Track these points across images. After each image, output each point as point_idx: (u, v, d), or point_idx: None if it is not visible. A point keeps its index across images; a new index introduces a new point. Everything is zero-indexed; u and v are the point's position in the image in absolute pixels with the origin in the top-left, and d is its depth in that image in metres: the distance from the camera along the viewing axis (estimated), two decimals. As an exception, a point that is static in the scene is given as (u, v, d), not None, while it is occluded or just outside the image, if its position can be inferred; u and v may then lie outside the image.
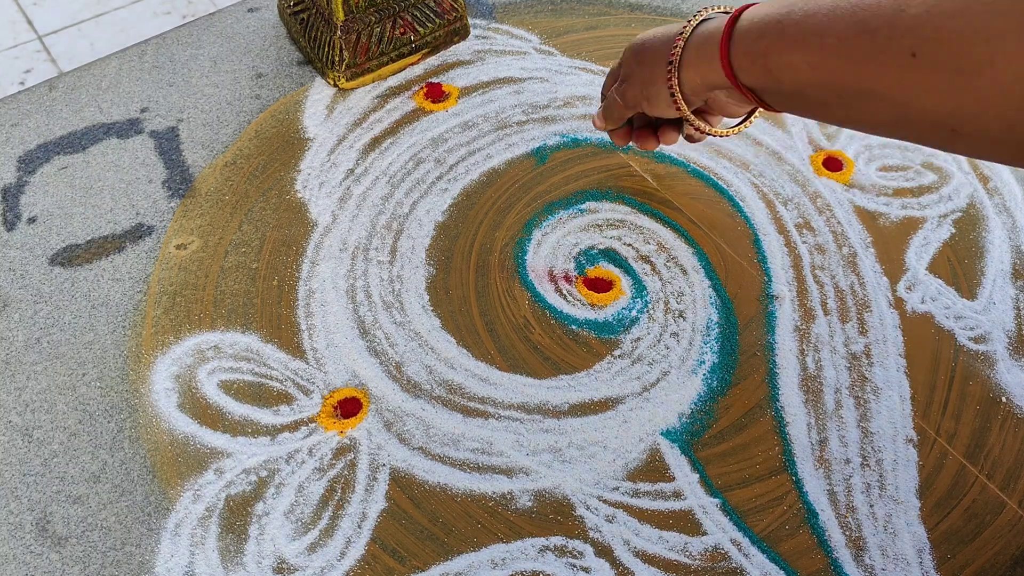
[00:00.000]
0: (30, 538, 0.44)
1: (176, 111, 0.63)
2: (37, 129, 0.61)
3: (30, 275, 0.54)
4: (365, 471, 0.46)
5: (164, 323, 0.52)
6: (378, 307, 0.53)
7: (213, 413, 0.48)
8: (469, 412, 0.48)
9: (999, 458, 0.47)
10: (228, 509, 0.45)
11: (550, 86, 0.66)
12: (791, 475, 0.47)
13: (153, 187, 0.59)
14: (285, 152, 0.61)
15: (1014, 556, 0.44)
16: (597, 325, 0.52)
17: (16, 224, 0.56)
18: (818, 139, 0.63)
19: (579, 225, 0.57)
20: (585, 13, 0.71)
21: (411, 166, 0.60)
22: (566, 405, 0.49)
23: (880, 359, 0.51)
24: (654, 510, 0.45)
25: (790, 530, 0.45)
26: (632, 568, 0.43)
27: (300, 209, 0.58)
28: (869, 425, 0.48)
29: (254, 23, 0.70)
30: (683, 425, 0.48)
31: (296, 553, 0.43)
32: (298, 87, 0.65)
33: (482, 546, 0.44)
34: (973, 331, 0.52)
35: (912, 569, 0.43)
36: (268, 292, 0.53)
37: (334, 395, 0.49)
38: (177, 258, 0.55)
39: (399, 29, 0.65)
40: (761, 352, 0.51)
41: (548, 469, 0.46)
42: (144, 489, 0.45)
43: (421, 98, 0.65)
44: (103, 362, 0.50)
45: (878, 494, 0.46)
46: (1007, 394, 0.50)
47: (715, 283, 0.54)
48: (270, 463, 0.46)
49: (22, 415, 0.48)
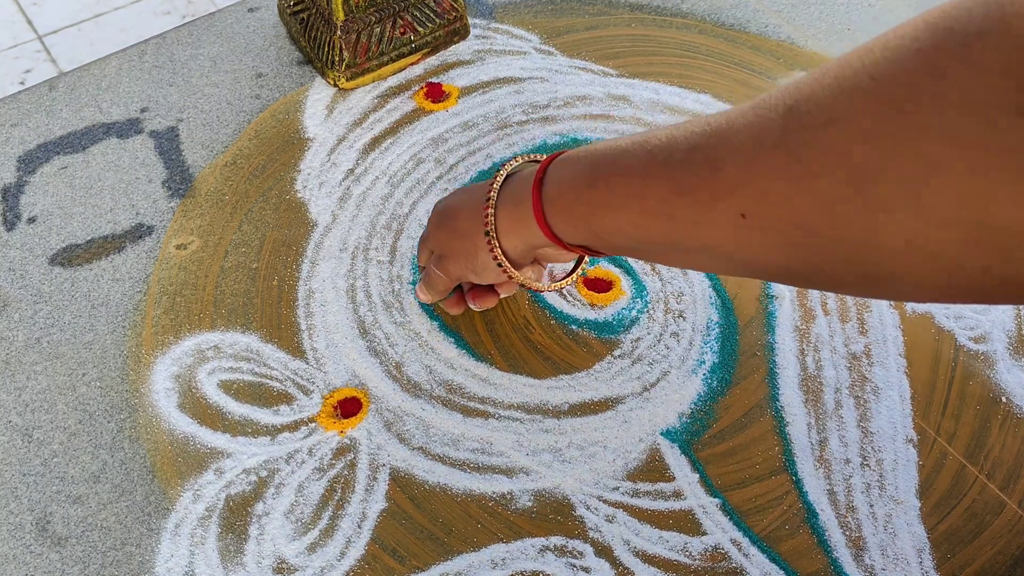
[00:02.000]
0: (30, 538, 0.44)
1: (176, 111, 0.63)
2: (37, 129, 0.61)
3: (30, 275, 0.54)
4: (365, 471, 0.46)
5: (164, 323, 0.52)
6: (378, 307, 0.53)
7: (213, 413, 0.48)
8: (469, 412, 0.48)
9: (999, 458, 0.47)
10: (228, 509, 0.45)
11: (550, 86, 0.66)
12: (791, 475, 0.47)
13: (153, 187, 0.58)
14: (285, 152, 0.61)
15: (1014, 556, 0.44)
16: (597, 325, 0.52)
17: (16, 224, 0.56)
18: (818, 139, 0.63)
19: (579, 225, 0.57)
20: (585, 13, 0.71)
21: (411, 166, 0.60)
22: (566, 405, 0.49)
23: (880, 359, 0.51)
24: (654, 510, 0.45)
25: (790, 530, 0.45)
26: (632, 568, 0.43)
27: (300, 209, 0.58)
28: (869, 425, 0.48)
29: (254, 23, 0.70)
30: (683, 425, 0.48)
31: (296, 553, 0.43)
32: (298, 87, 0.65)
33: (482, 546, 0.44)
34: (973, 331, 0.52)
35: (912, 569, 0.43)
36: (268, 292, 0.53)
37: (334, 395, 0.49)
38: (177, 258, 0.55)
39: (399, 29, 0.65)
40: (761, 352, 0.51)
41: (548, 469, 0.46)
42: (144, 489, 0.45)
43: (421, 98, 0.65)
44: (103, 362, 0.50)
45: (878, 494, 0.46)
46: (1007, 394, 0.50)
47: (715, 283, 0.54)
48: (270, 463, 0.46)
49: (22, 415, 0.48)
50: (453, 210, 0.47)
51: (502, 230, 0.44)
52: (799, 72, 0.67)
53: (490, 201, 0.44)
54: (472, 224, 0.45)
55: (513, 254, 0.44)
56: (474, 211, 0.45)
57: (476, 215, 0.45)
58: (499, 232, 0.44)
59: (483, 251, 0.45)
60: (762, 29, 0.71)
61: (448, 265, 0.48)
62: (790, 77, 0.67)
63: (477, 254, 0.46)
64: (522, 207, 0.42)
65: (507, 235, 0.44)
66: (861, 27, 0.72)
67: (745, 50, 0.69)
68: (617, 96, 0.65)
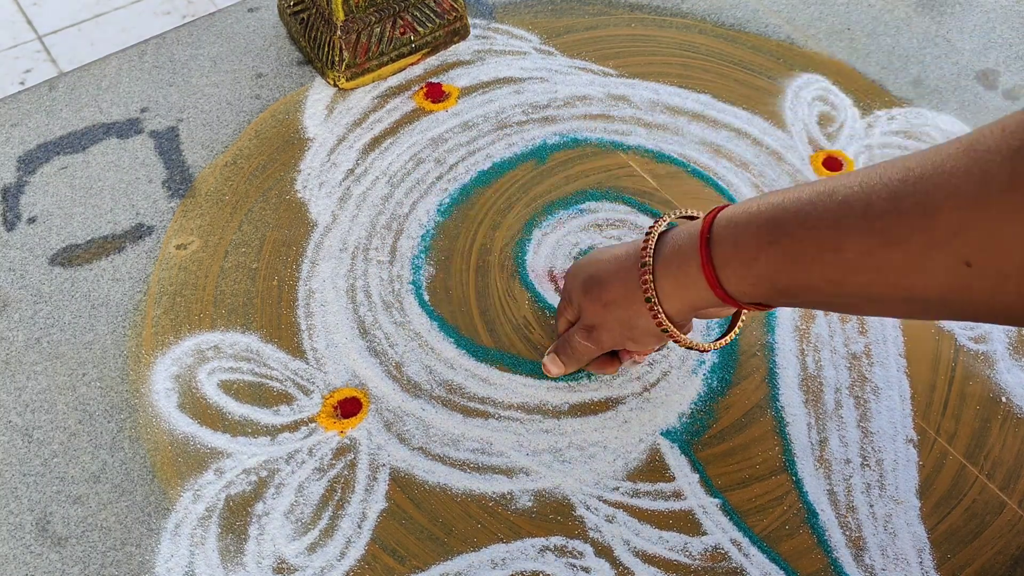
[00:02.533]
0: (30, 538, 0.44)
1: (176, 111, 0.63)
2: (37, 129, 0.61)
3: (30, 275, 0.54)
4: (365, 471, 0.46)
5: (164, 323, 0.52)
6: (378, 307, 0.53)
7: (213, 413, 0.48)
8: (469, 412, 0.48)
9: (999, 458, 0.47)
10: (228, 509, 0.45)
11: (550, 86, 0.66)
12: (791, 475, 0.47)
13: (153, 187, 0.58)
14: (285, 152, 0.61)
15: (1014, 556, 0.44)
16: (597, 325, 0.52)
17: (16, 224, 0.56)
18: (818, 139, 0.63)
19: (579, 225, 0.57)
20: (585, 13, 0.71)
21: (411, 166, 0.60)
22: (566, 405, 0.49)
23: (880, 359, 0.51)
24: (654, 510, 0.45)
25: (790, 530, 0.45)
26: (632, 568, 0.43)
27: (300, 209, 0.58)
28: (869, 425, 0.48)
29: (254, 23, 0.70)
30: (683, 425, 0.48)
31: (296, 553, 0.43)
32: (298, 87, 0.65)
33: (482, 546, 0.44)
34: (973, 331, 0.52)
35: (912, 569, 0.43)
36: (268, 292, 0.53)
37: (334, 395, 0.49)
38: (177, 258, 0.55)
39: (399, 29, 0.65)
40: (761, 352, 0.51)
41: (548, 469, 0.46)
42: (144, 489, 0.45)
43: (421, 98, 0.65)
44: (103, 362, 0.50)
45: (878, 494, 0.46)
46: (1007, 394, 0.50)
47: (715, 283, 0.54)
48: (270, 463, 0.46)
49: (22, 415, 0.48)
50: (602, 279, 0.44)
51: (664, 295, 0.41)
52: (799, 72, 0.67)
53: (647, 267, 0.41)
54: (627, 291, 0.43)
55: (676, 318, 0.42)
56: (627, 277, 0.43)
57: (630, 281, 0.42)
58: (660, 297, 0.41)
59: (643, 318, 0.43)
60: (762, 29, 0.71)
61: (602, 335, 0.45)
62: (791, 78, 0.67)
63: (635, 322, 0.43)
64: (688, 269, 0.40)
65: (669, 299, 0.41)
66: (861, 27, 0.72)
67: (745, 50, 0.69)
68: (617, 96, 0.65)
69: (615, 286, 0.43)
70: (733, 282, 0.39)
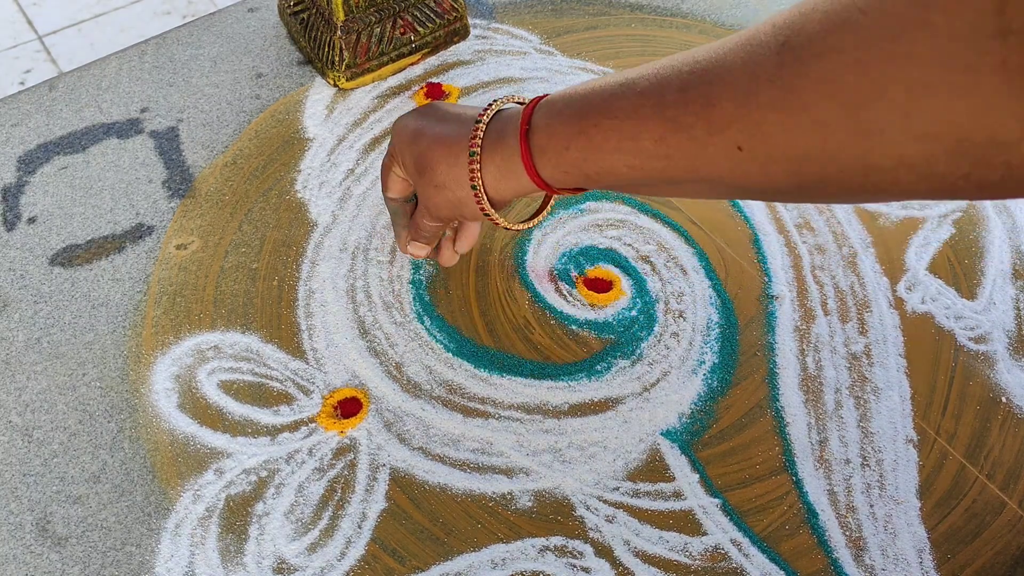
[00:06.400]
0: (30, 538, 0.44)
1: (176, 111, 0.63)
2: (37, 129, 0.61)
3: (30, 275, 0.54)
4: (365, 471, 0.46)
5: (164, 323, 0.52)
6: (378, 307, 0.53)
7: (213, 413, 0.48)
8: (469, 412, 0.48)
9: (999, 458, 0.47)
10: (228, 509, 0.45)
11: (550, 86, 0.66)
12: (791, 475, 0.47)
13: (153, 187, 0.59)
14: (285, 152, 0.61)
15: (1014, 556, 0.44)
16: (597, 325, 0.52)
17: (16, 224, 0.56)
18: (818, 139, 0.63)
19: (579, 225, 0.57)
20: (585, 13, 0.71)
21: (411, 166, 0.60)
22: (566, 405, 0.49)
23: (880, 359, 0.51)
24: (654, 510, 0.45)
25: (790, 530, 0.45)
26: (632, 568, 0.43)
27: (300, 209, 0.58)
28: (869, 425, 0.48)
29: (254, 23, 0.70)
30: (683, 425, 0.48)
31: (296, 553, 0.43)
32: (298, 87, 0.65)
33: (482, 546, 0.44)
34: (973, 331, 0.52)
35: (912, 569, 0.43)
36: (268, 292, 0.53)
37: (334, 395, 0.49)
38: (177, 258, 0.55)
39: (399, 29, 0.65)
40: (761, 352, 0.51)
41: (548, 469, 0.46)
42: (144, 489, 0.45)
43: (421, 98, 0.65)
44: (103, 362, 0.50)
45: (878, 494, 0.46)
46: (1007, 394, 0.50)
47: (715, 283, 0.54)
48: (270, 463, 0.46)
49: (22, 415, 0.48)
50: (432, 164, 0.46)
51: (488, 183, 0.44)
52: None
53: (475, 156, 0.43)
54: (455, 177, 0.44)
55: (499, 202, 0.45)
56: (456, 163, 0.44)
57: (458, 167, 0.44)
58: (486, 185, 0.44)
59: (471, 202, 0.45)
60: (762, 29, 0.71)
61: (441, 212, 0.47)
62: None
63: (464, 203, 0.45)
64: (510, 159, 0.42)
65: (493, 186, 0.44)
66: (861, 27, 0.72)
67: (745, 50, 0.69)
68: (617, 96, 0.65)
69: (443, 170, 0.45)
70: (548, 170, 0.41)
